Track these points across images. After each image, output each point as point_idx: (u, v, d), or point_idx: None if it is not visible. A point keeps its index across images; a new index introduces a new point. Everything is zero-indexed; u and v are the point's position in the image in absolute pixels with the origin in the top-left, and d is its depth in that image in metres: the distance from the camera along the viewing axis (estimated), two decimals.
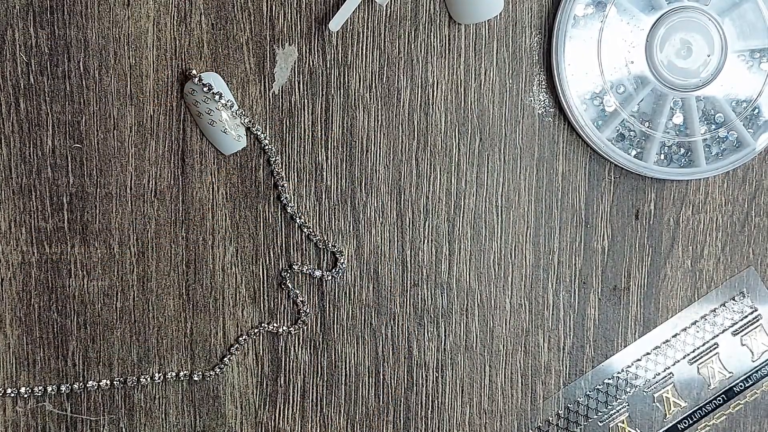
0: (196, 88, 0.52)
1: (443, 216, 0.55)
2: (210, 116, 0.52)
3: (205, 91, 0.52)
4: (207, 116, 0.52)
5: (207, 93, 0.52)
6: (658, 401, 0.57)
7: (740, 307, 0.57)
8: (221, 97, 0.52)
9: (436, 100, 0.54)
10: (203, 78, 0.52)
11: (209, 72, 0.52)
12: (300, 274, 0.54)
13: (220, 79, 0.52)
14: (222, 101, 0.52)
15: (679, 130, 0.55)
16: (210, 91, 0.52)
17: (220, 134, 0.52)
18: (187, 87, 0.52)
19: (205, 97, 0.52)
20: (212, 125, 0.52)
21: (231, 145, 0.53)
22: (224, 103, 0.52)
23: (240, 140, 0.53)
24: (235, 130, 0.52)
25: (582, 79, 0.54)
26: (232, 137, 0.52)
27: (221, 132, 0.52)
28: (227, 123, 0.52)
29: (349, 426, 0.55)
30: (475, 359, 0.56)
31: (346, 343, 0.55)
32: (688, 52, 0.54)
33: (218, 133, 0.52)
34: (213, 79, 0.52)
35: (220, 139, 0.52)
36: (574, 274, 0.56)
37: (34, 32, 0.52)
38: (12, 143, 0.53)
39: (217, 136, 0.52)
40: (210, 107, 0.52)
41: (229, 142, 0.53)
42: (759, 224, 0.56)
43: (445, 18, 0.54)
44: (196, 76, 0.52)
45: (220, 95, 0.52)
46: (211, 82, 0.52)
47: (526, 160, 0.55)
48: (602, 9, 0.53)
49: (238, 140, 0.53)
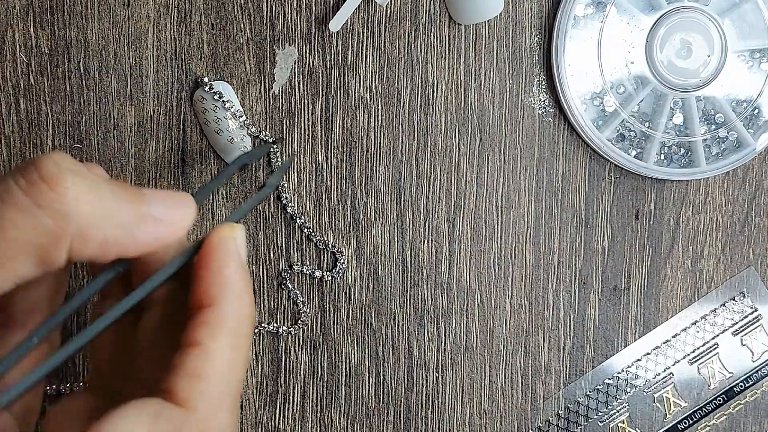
0: (206, 96, 0.52)
1: (443, 216, 0.55)
2: (217, 125, 0.52)
3: (215, 99, 0.52)
4: (214, 124, 0.52)
5: (217, 101, 0.52)
6: (659, 401, 0.57)
7: (740, 307, 0.57)
8: (231, 107, 0.52)
9: (436, 100, 0.54)
10: (214, 86, 0.52)
11: (220, 81, 0.52)
12: (300, 274, 0.54)
13: (230, 89, 0.52)
14: (231, 110, 0.52)
15: (679, 130, 0.55)
16: (220, 99, 0.52)
17: (226, 143, 0.52)
18: (197, 94, 0.52)
19: (214, 105, 0.52)
20: (219, 134, 0.52)
21: (236, 156, 0.53)
22: (233, 112, 0.52)
23: (245, 151, 0.53)
24: (241, 141, 0.52)
25: (582, 79, 0.54)
26: (238, 147, 0.52)
27: (227, 141, 0.52)
28: (234, 133, 0.52)
29: (349, 426, 0.55)
30: (475, 359, 0.56)
31: (346, 343, 0.55)
32: (688, 52, 0.54)
33: (224, 142, 0.52)
34: (223, 87, 0.52)
35: (226, 149, 0.52)
36: (574, 274, 0.56)
37: (34, 32, 0.52)
38: (12, 143, 0.53)
39: (224, 145, 0.52)
40: (218, 116, 0.52)
41: (234, 153, 0.52)
42: (759, 224, 0.56)
43: (445, 18, 0.54)
44: (207, 84, 0.52)
45: (230, 104, 0.52)
46: (221, 90, 0.52)
47: (526, 160, 0.55)
48: (602, 9, 0.53)
49: (242, 150, 0.53)
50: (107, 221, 0.38)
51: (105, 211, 0.38)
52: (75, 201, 0.37)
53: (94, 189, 0.38)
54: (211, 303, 0.40)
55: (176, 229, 0.40)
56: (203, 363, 0.39)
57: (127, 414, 0.37)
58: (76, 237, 0.37)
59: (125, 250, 0.39)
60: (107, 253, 0.39)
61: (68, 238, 0.37)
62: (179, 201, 0.41)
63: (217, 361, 0.39)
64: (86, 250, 0.38)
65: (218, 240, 0.41)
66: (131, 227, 0.39)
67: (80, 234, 0.37)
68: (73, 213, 0.37)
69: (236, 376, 0.40)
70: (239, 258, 0.41)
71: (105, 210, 0.38)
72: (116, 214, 0.38)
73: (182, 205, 0.41)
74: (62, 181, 0.37)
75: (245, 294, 0.41)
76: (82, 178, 0.38)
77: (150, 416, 0.37)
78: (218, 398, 0.39)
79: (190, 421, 0.38)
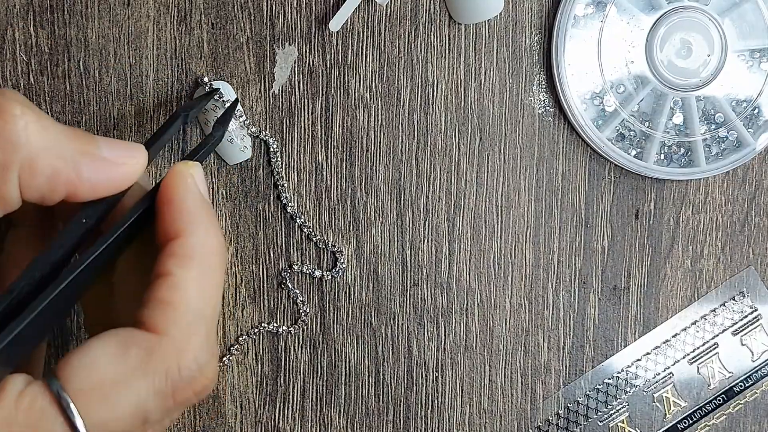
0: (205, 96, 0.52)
1: (443, 216, 0.55)
2: None
3: (215, 99, 0.52)
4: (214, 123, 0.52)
5: (216, 101, 0.52)
6: (658, 401, 0.57)
7: (740, 307, 0.57)
8: None
9: (436, 100, 0.54)
10: (214, 85, 0.52)
11: (219, 81, 0.52)
12: (300, 274, 0.54)
13: (229, 88, 0.52)
14: None
15: (679, 130, 0.55)
16: (220, 99, 0.51)
17: (226, 143, 0.52)
18: (197, 93, 0.52)
19: (214, 105, 0.52)
20: None
21: (235, 155, 0.52)
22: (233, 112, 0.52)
23: (245, 151, 0.52)
24: (241, 141, 0.52)
25: (582, 79, 0.54)
26: (237, 147, 0.52)
27: (227, 141, 0.52)
28: (234, 132, 0.52)
29: (349, 426, 0.55)
30: (475, 359, 0.56)
31: (346, 342, 0.55)
32: (688, 52, 0.54)
33: (224, 143, 0.52)
34: (223, 87, 0.52)
35: (224, 149, 0.52)
36: (574, 274, 0.56)
37: (34, 32, 0.52)
38: None
39: (222, 146, 0.52)
40: (218, 115, 0.52)
41: (233, 152, 0.52)
42: (759, 224, 0.56)
43: (445, 18, 0.53)
44: (207, 83, 0.52)
45: (230, 103, 0.51)
46: (221, 89, 0.52)
47: (526, 160, 0.55)
48: (602, 9, 0.53)
49: (243, 151, 0.52)
50: (54, 153, 0.38)
51: (53, 143, 0.38)
52: (23, 130, 0.37)
53: (43, 122, 0.38)
54: (177, 235, 0.40)
55: (125, 172, 0.41)
56: (173, 291, 0.39)
57: (91, 344, 0.38)
58: (23, 168, 0.38)
59: (74, 188, 0.39)
60: (56, 189, 0.39)
61: (15, 167, 0.37)
62: (129, 146, 0.41)
63: (188, 287, 0.39)
64: (34, 182, 0.38)
65: (175, 175, 0.42)
66: (78, 163, 0.39)
67: (28, 165, 0.38)
68: (22, 142, 0.37)
69: (209, 303, 0.40)
70: (198, 192, 0.42)
71: (53, 142, 0.38)
72: (64, 147, 0.39)
73: (132, 149, 0.41)
74: (11, 108, 0.37)
75: (210, 225, 0.41)
76: (31, 110, 0.38)
77: (118, 345, 0.38)
78: (191, 324, 0.39)
79: (162, 345, 0.38)
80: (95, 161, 0.40)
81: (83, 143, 0.39)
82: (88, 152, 0.39)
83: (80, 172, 0.39)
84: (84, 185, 0.39)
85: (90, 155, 0.39)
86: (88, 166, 0.39)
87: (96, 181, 0.40)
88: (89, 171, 0.39)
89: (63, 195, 0.39)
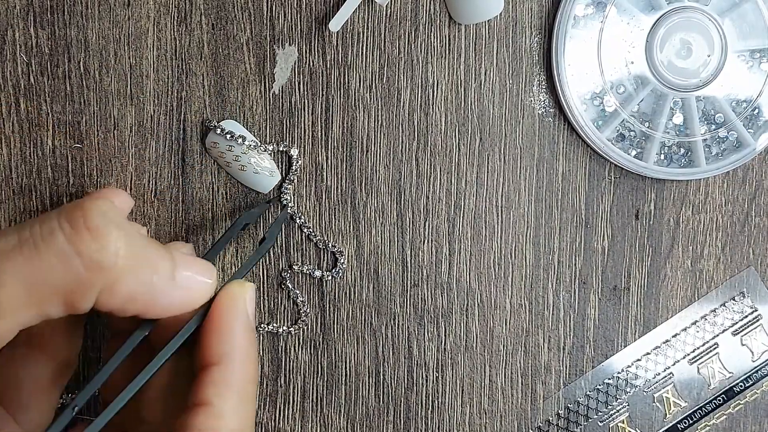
0: (218, 140, 0.52)
1: (443, 216, 0.55)
2: (239, 162, 0.52)
3: (228, 138, 0.52)
4: (236, 163, 0.52)
5: (230, 140, 0.52)
6: (658, 401, 0.57)
7: (740, 307, 0.57)
8: (245, 140, 0.52)
9: (436, 100, 0.54)
10: (224, 127, 0.52)
11: (225, 120, 0.52)
12: (300, 274, 0.54)
13: (237, 124, 0.52)
14: (246, 143, 0.52)
15: (679, 130, 0.55)
16: (233, 138, 0.52)
17: (253, 176, 0.52)
18: (208, 141, 0.52)
19: (229, 145, 0.52)
20: (243, 170, 0.52)
21: (267, 183, 0.53)
22: (249, 144, 0.52)
23: (274, 175, 0.53)
24: (267, 168, 0.52)
25: (582, 79, 0.54)
26: (265, 175, 0.52)
27: (254, 174, 0.52)
28: (257, 164, 0.52)
29: (349, 426, 0.55)
30: (475, 359, 0.56)
31: (346, 343, 0.55)
32: (688, 52, 0.54)
33: (251, 176, 0.52)
34: (231, 125, 0.52)
35: (255, 181, 0.52)
36: (574, 274, 0.56)
37: (34, 32, 0.52)
38: (12, 143, 0.53)
39: (251, 179, 0.52)
40: (236, 153, 0.52)
41: (265, 181, 0.52)
42: (759, 224, 0.56)
43: (445, 18, 0.54)
44: (218, 127, 0.52)
45: (243, 138, 0.52)
46: (231, 129, 0.52)
47: (526, 160, 0.55)
48: (602, 9, 0.53)
49: (272, 176, 0.53)
50: (136, 279, 0.39)
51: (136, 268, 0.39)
52: (114, 255, 0.38)
53: (132, 245, 0.39)
54: (218, 361, 0.41)
55: (198, 297, 0.42)
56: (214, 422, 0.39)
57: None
58: (104, 289, 0.38)
59: (145, 310, 0.40)
60: (127, 309, 0.39)
61: (98, 288, 0.38)
62: (203, 268, 0.42)
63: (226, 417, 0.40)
64: (110, 302, 0.39)
65: (228, 298, 0.42)
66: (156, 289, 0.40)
67: (110, 287, 0.38)
68: (109, 266, 0.38)
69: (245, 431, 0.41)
70: (248, 317, 0.42)
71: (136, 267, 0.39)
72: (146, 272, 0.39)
73: (205, 271, 0.42)
74: (107, 233, 0.38)
75: (251, 351, 0.42)
76: (124, 233, 0.38)
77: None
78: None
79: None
80: (173, 290, 0.40)
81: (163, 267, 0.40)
82: (166, 276, 0.40)
83: (156, 299, 0.40)
84: (157, 310, 0.40)
85: (169, 282, 0.40)
86: (163, 293, 0.40)
87: (169, 306, 0.40)
88: (164, 297, 0.40)
89: (134, 314, 0.40)
